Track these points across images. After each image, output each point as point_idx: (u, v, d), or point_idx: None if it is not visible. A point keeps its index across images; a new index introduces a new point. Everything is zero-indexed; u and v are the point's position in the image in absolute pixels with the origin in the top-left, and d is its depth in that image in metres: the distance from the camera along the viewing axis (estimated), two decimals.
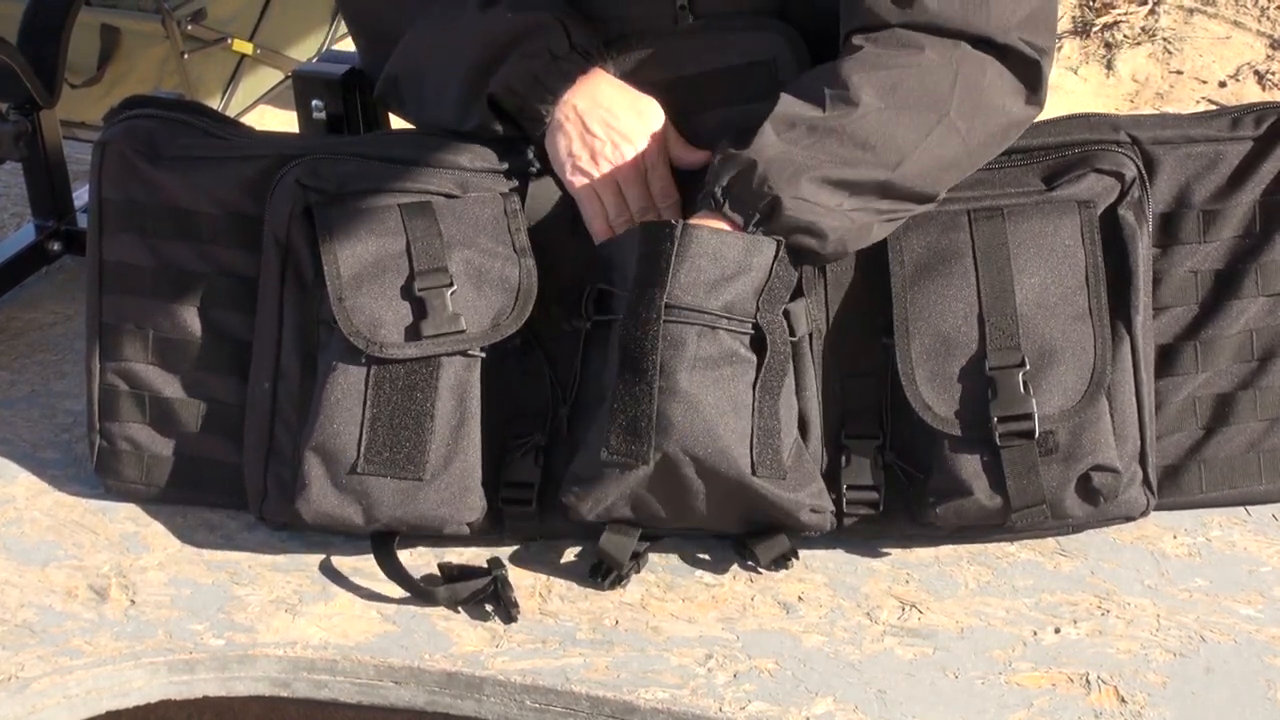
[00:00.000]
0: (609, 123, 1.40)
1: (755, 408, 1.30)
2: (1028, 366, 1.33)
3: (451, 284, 1.37)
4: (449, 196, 1.41)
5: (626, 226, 1.40)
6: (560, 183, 1.43)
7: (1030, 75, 1.37)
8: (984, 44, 1.36)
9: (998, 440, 1.31)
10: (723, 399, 1.29)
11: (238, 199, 1.46)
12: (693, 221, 1.33)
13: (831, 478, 1.37)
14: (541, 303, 1.39)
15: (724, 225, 1.33)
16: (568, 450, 1.37)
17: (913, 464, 1.37)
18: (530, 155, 1.43)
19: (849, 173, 1.32)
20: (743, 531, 1.38)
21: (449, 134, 1.45)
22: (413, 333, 1.36)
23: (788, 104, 1.34)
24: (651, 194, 1.41)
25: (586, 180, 1.41)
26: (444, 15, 1.46)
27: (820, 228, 1.32)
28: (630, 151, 1.40)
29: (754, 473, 1.29)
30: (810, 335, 1.38)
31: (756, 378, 1.31)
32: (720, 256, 1.31)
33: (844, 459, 1.37)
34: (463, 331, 1.36)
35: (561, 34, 1.41)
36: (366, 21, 1.55)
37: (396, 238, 1.39)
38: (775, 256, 1.32)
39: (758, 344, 1.31)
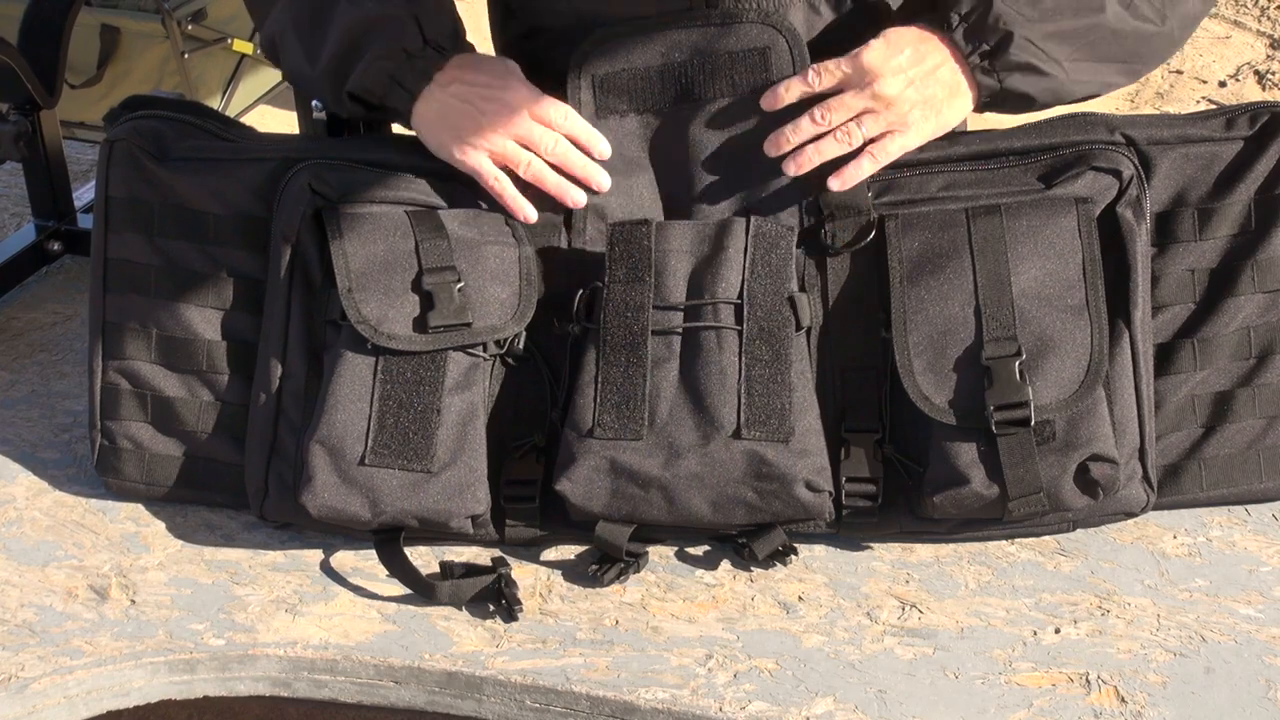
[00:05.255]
0: (485, 94, 1.42)
1: (743, 374, 1.33)
2: (1024, 356, 1.33)
3: (460, 280, 1.38)
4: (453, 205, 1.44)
5: (537, 170, 1.41)
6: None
7: None
8: None
9: (994, 428, 1.32)
10: (710, 371, 1.33)
11: (245, 201, 1.47)
12: (874, 40, 1.37)
13: (831, 470, 1.37)
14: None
15: (936, 41, 1.37)
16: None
17: (912, 457, 1.37)
18: None
19: (1077, 22, 1.36)
20: (740, 528, 1.38)
21: None
22: (420, 325, 1.37)
23: None
24: (550, 121, 1.42)
25: (478, 148, 1.42)
26: None
27: (1040, 70, 1.37)
28: (512, 98, 1.42)
29: (739, 434, 1.31)
30: (810, 329, 1.39)
31: (741, 346, 1.34)
32: (697, 244, 1.37)
33: (843, 452, 1.38)
34: (469, 324, 1.38)
35: (414, 29, 1.41)
36: None
37: (405, 239, 1.40)
38: (747, 233, 1.37)
39: (743, 318, 1.36)
